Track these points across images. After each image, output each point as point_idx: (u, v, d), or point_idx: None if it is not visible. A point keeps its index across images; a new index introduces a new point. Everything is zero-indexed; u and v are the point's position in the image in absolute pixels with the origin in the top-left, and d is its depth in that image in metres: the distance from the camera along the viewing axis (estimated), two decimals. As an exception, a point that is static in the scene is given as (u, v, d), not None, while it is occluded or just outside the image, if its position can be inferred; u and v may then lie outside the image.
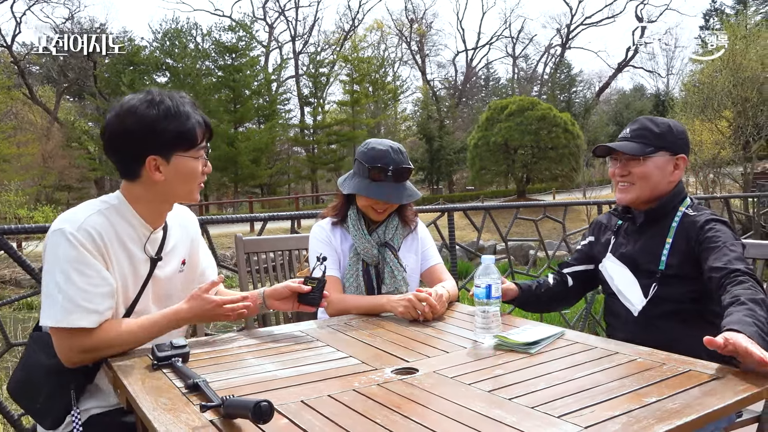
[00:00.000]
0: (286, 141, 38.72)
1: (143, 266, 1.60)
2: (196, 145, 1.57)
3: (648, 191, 1.86)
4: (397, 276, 2.10)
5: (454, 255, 4.04)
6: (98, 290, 1.46)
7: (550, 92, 41.89)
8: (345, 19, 48.79)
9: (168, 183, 1.56)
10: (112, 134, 1.53)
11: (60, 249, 1.44)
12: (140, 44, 35.06)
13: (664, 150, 1.85)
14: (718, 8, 39.38)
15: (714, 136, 19.07)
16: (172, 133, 1.52)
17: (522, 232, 15.91)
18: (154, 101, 1.52)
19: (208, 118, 1.63)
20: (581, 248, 2.14)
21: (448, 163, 37.12)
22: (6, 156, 25.73)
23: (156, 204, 1.61)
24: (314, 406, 1.15)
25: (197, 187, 1.62)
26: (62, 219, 1.49)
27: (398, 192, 2.06)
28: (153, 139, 1.51)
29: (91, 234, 1.46)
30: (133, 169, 1.55)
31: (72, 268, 1.43)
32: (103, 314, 1.47)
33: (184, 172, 1.57)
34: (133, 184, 1.57)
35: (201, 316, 1.60)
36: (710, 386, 1.19)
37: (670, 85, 44.66)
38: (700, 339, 1.70)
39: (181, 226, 1.75)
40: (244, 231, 13.34)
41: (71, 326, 1.43)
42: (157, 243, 1.64)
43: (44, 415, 1.55)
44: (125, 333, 1.50)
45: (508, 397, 1.17)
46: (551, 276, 2.12)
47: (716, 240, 1.70)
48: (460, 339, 1.63)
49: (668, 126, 1.88)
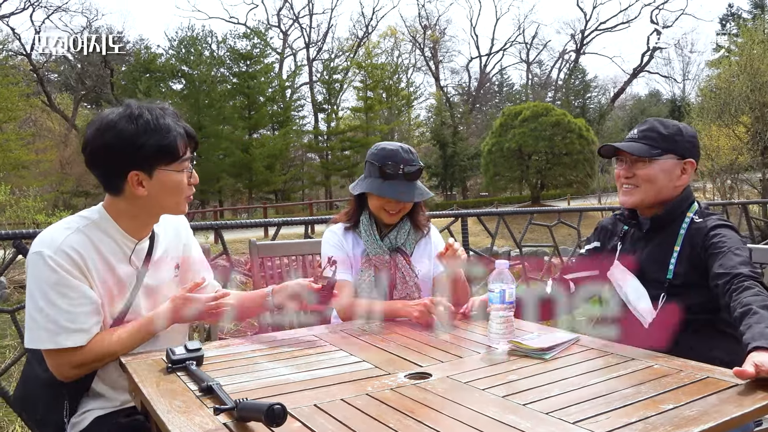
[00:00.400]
0: (300, 147, 38.87)
1: (130, 278, 1.59)
2: (178, 158, 1.53)
3: (652, 195, 1.81)
4: (408, 282, 2.10)
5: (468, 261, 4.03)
6: (82, 309, 1.46)
7: (564, 98, 41.69)
8: (359, 25, 49.06)
9: (152, 197, 1.53)
10: (93, 150, 1.50)
11: (40, 272, 1.44)
12: (156, 52, 35.45)
13: (671, 153, 1.80)
14: (735, 13, 39.02)
15: (731, 141, 18.84)
16: (153, 148, 1.48)
17: (536, 239, 15.78)
18: (132, 115, 1.49)
19: (192, 129, 1.59)
20: (584, 253, 2.07)
21: (462, 169, 37.03)
22: (25, 162, 26.09)
23: (141, 218, 1.59)
24: (327, 409, 1.15)
25: (184, 199, 1.59)
26: (40, 241, 1.47)
27: (410, 191, 2.06)
28: (133, 154, 1.47)
29: (69, 255, 1.45)
30: (115, 184, 1.52)
31: (53, 291, 1.43)
32: (90, 331, 1.48)
33: (169, 186, 1.54)
34: (117, 198, 1.55)
35: (183, 315, 1.61)
36: (728, 393, 1.17)
37: (687, 90, 44.32)
38: (715, 349, 1.68)
39: (170, 231, 1.73)
40: (258, 236, 13.39)
41: (58, 347, 1.44)
42: (143, 253, 1.62)
43: (45, 426, 1.57)
44: (114, 343, 1.52)
45: (522, 402, 1.16)
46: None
47: (721, 245, 1.64)
48: (473, 344, 1.62)
49: (678, 128, 1.83)
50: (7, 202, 14.00)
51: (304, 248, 2.61)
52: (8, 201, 14.01)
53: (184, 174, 1.57)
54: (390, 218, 2.12)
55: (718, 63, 18.83)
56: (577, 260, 2.10)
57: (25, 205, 13.83)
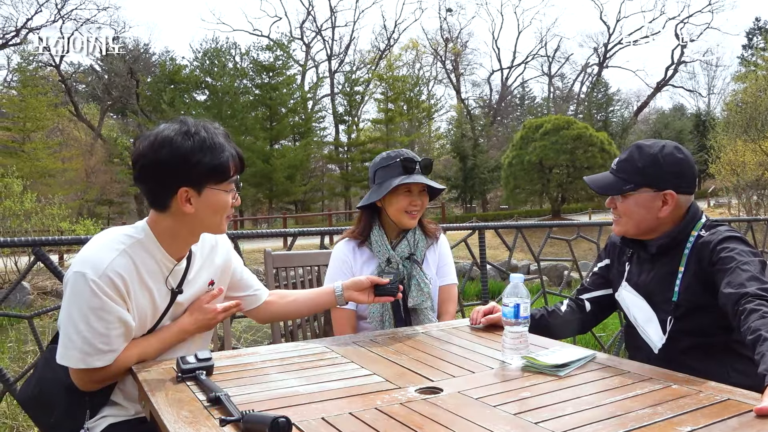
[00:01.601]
0: (320, 158, 39.14)
1: (163, 299, 1.60)
2: (228, 178, 1.54)
3: (633, 226, 1.75)
4: (423, 289, 2.10)
5: (485, 274, 3.99)
6: (116, 332, 1.47)
7: (586, 111, 41.38)
8: (380, 38, 49.31)
9: (197, 215, 1.53)
10: (146, 164, 1.49)
11: (82, 294, 1.43)
12: (181, 63, 36.07)
13: (646, 186, 1.70)
14: (762, 27, 38.52)
15: (758, 157, 18.54)
16: (207, 166, 1.48)
17: (556, 252, 15.65)
18: (189, 132, 1.48)
19: (241, 151, 1.60)
20: (598, 272, 2.02)
21: (482, 181, 36.90)
22: (51, 171, 26.66)
23: (183, 236, 1.58)
24: (335, 423, 1.13)
25: (225, 219, 1.60)
26: (84, 261, 1.45)
27: (433, 182, 2.14)
28: (187, 170, 1.47)
29: (113, 281, 1.44)
30: (163, 199, 1.52)
31: (93, 315, 1.44)
32: (119, 351, 1.50)
33: (215, 205, 1.54)
34: (162, 215, 1.54)
35: (205, 325, 1.67)
36: (749, 417, 1.12)
37: (712, 104, 43.77)
38: (733, 372, 1.61)
39: (206, 249, 1.73)
40: (277, 247, 13.45)
41: (89, 367, 1.46)
42: (179, 274, 1.63)
43: (58, 430, 1.57)
44: (137, 356, 1.54)
45: (534, 420, 1.13)
46: (565, 303, 2.02)
47: (729, 261, 1.55)
48: (486, 359, 1.59)
49: (654, 159, 1.70)
50: (33, 209, 14.28)
51: (320, 259, 2.60)
52: (34, 208, 14.30)
53: (230, 194, 1.57)
54: (412, 219, 2.14)
55: (744, 77, 18.57)
56: (591, 279, 2.05)
57: (50, 212, 14.09)
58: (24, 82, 28.76)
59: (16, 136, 27.71)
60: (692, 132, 37.99)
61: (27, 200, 13.96)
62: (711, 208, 24.72)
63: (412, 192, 2.12)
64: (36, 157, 26.39)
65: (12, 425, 3.59)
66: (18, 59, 31.53)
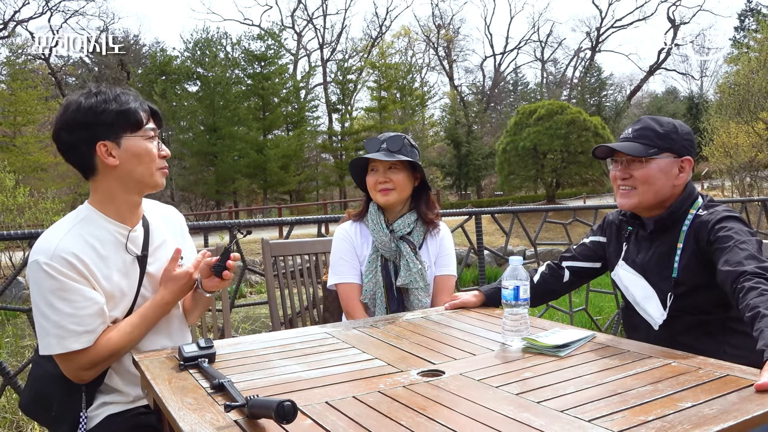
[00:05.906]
0: (314, 148, 38.96)
1: (132, 267, 1.60)
2: (142, 126, 1.56)
3: (651, 196, 1.75)
4: (412, 269, 2.13)
5: (482, 259, 4.00)
6: (86, 311, 1.47)
7: (579, 96, 41.33)
8: (372, 26, 49.11)
9: (123, 167, 1.54)
10: (58, 130, 1.53)
11: (39, 280, 1.45)
12: (172, 54, 35.74)
13: (668, 151, 1.74)
14: (754, 8, 38.46)
15: (751, 138, 18.58)
16: (113, 113, 1.52)
17: (552, 237, 15.69)
18: (92, 92, 1.54)
19: (155, 107, 1.63)
20: (589, 244, 2.02)
21: (477, 168, 36.88)
22: (43, 165, 26.46)
23: (120, 196, 1.58)
24: (339, 407, 1.14)
25: (157, 170, 1.60)
26: (36, 248, 1.48)
27: (392, 156, 2.13)
28: (96, 123, 1.50)
29: (65, 259, 1.46)
30: (87, 162, 1.54)
31: (55, 297, 1.45)
32: (96, 331, 1.50)
33: (138, 153, 1.55)
34: (95, 181, 1.57)
35: (184, 290, 1.66)
36: (749, 392, 1.14)
37: (704, 87, 43.78)
38: (729, 349, 1.63)
39: (164, 220, 1.75)
40: (273, 237, 13.42)
41: (67, 350, 1.46)
42: (139, 240, 1.63)
43: (60, 422, 1.58)
44: (122, 337, 1.54)
45: (536, 400, 1.14)
46: (539, 272, 2.03)
47: (727, 240, 1.56)
48: (487, 341, 1.60)
49: (673, 126, 1.77)
50: (26, 204, 14.19)
51: (317, 247, 2.61)
52: (27, 203, 14.20)
53: (153, 143, 1.59)
54: (384, 196, 2.17)
55: (736, 59, 18.57)
56: (579, 249, 2.05)
57: (44, 207, 14.00)
58: (13, 76, 28.45)
59: (7, 130, 27.46)
60: (685, 115, 37.98)
61: (20, 195, 13.86)
62: (705, 191, 24.80)
63: (378, 170, 2.18)
64: (28, 151, 26.18)
65: (12, 419, 3.59)
66: (6, 52, 31.22)
